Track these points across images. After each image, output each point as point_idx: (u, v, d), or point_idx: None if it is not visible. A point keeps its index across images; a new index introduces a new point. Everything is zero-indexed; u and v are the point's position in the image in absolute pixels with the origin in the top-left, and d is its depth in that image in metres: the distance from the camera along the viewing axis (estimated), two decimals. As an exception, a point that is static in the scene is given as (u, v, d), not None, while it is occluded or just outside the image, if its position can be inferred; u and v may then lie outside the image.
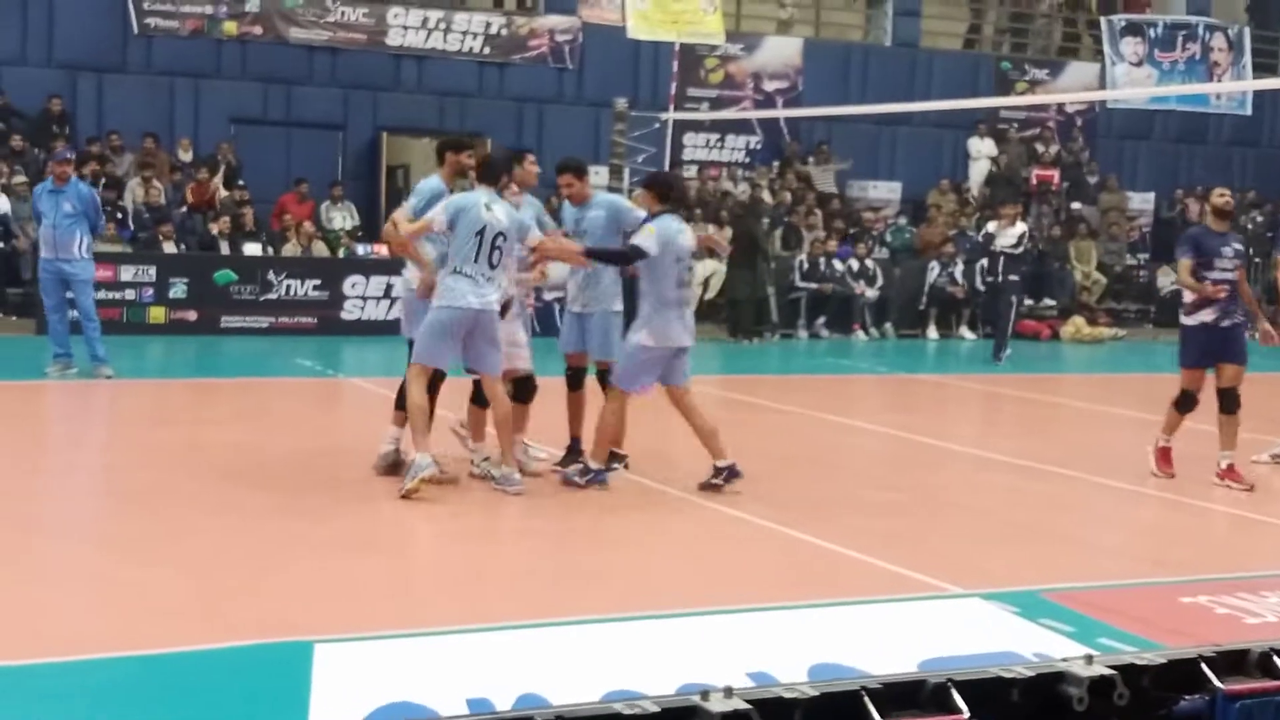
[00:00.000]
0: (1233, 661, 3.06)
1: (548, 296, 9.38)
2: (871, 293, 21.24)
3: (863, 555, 7.59)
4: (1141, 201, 25.98)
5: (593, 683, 5.10)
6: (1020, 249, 18.45)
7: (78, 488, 9.01)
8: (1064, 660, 2.92)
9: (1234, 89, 26.29)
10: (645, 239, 8.89)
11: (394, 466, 9.03)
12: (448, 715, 4.71)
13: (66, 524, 7.92)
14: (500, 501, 8.79)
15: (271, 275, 18.06)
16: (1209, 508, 9.41)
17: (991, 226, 18.51)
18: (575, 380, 9.54)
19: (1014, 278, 18.27)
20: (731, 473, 9.03)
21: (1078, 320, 22.49)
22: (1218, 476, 10.04)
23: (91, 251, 13.68)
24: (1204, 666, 3.00)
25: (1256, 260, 24.33)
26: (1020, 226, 18.51)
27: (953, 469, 10.97)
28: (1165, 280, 24.78)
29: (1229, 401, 10.13)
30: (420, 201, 9.13)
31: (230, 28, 20.75)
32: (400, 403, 9.03)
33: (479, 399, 9.21)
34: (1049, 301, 23.36)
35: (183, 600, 6.37)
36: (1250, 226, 25.05)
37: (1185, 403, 10.29)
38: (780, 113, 23.24)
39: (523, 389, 9.36)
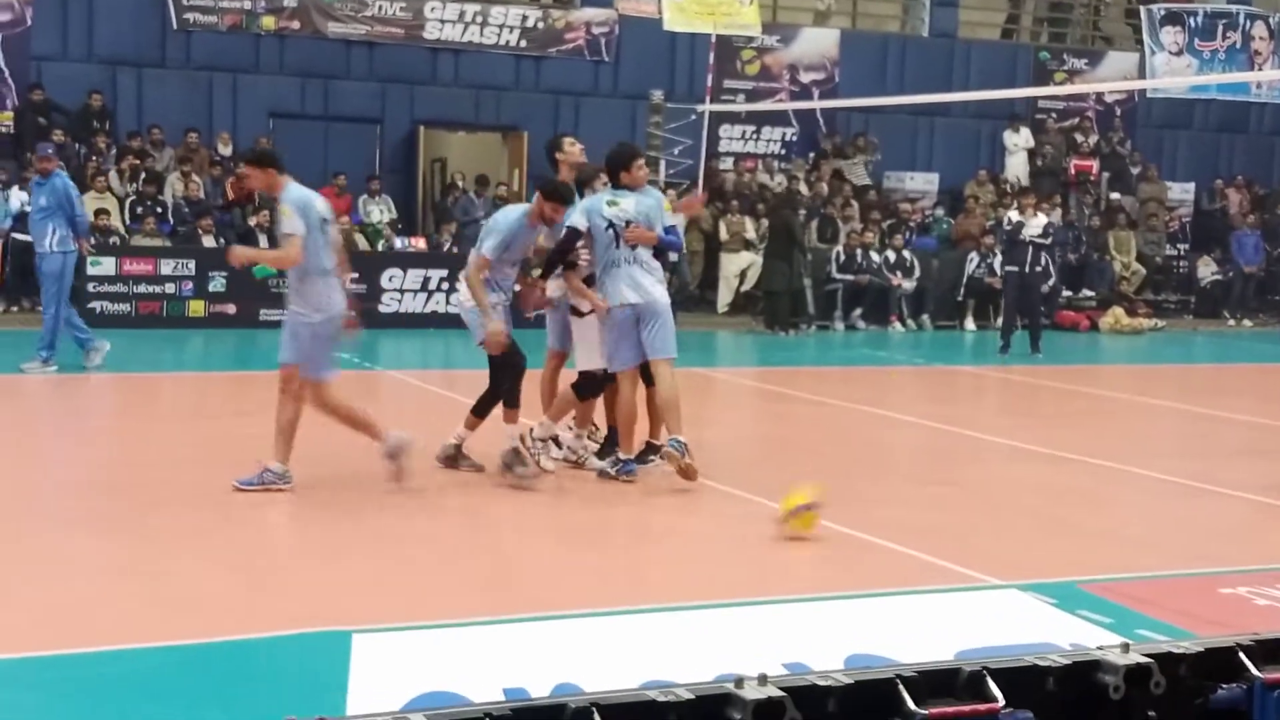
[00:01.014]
0: (1271, 650, 3.03)
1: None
2: (908, 284, 21.17)
3: (900, 546, 7.58)
4: (1181, 192, 25.79)
5: (629, 673, 5.11)
6: (1049, 238, 18.31)
7: (116, 481, 9.08)
8: (1100, 649, 2.91)
9: (1275, 78, 26.03)
10: (574, 217, 9.02)
11: (451, 459, 9.16)
12: (482, 702, 4.73)
13: (105, 517, 7.98)
14: (536, 494, 8.82)
15: (310, 269, 18.11)
16: (1248, 498, 9.34)
17: (1015, 215, 18.32)
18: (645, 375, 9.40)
19: (1039, 268, 18.12)
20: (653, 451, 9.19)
21: (1117, 311, 22.34)
22: None
23: (65, 245, 13.36)
24: (1242, 655, 2.98)
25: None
26: (1043, 216, 18.38)
27: (990, 461, 10.93)
28: (1205, 270, 24.63)
29: None
30: (500, 238, 8.93)
31: (268, 22, 20.85)
32: (479, 409, 9.12)
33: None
34: (1088, 292, 23.23)
35: (222, 591, 6.43)
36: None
37: None
38: (817, 104, 23.17)
39: (590, 385, 9.36)
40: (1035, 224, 17.82)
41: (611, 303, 8.96)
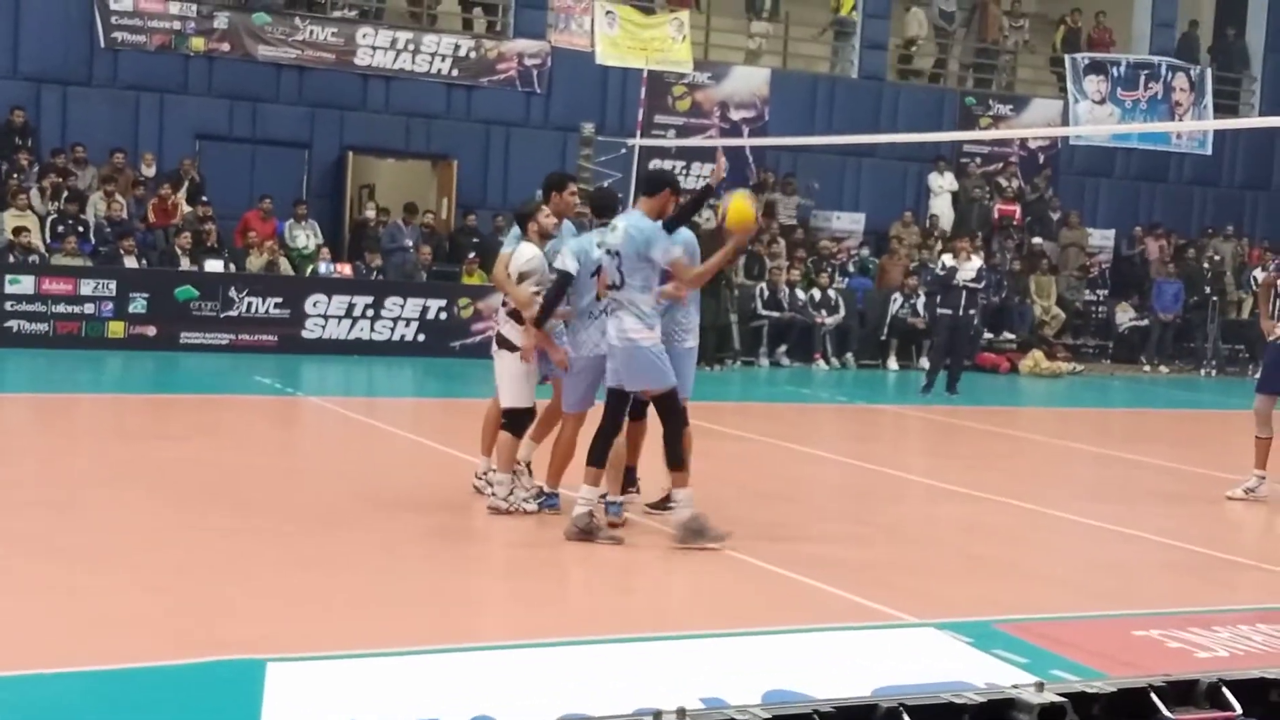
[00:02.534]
0: (1182, 692, 3.08)
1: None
2: (832, 321, 21.32)
3: (819, 583, 7.60)
4: (1101, 238, 26.21)
5: (546, 706, 5.09)
6: (982, 282, 18.52)
7: (32, 500, 8.92)
8: (1015, 687, 2.93)
9: (1195, 129, 26.54)
10: (564, 259, 8.67)
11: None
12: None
13: (19, 536, 7.83)
14: (455, 525, 8.76)
15: (233, 292, 17.98)
16: (1161, 542, 9.47)
17: (948, 260, 18.42)
18: (638, 409, 9.19)
19: (972, 311, 18.32)
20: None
21: (1036, 354, 22.65)
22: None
23: None
24: (1154, 696, 3.02)
25: (1214, 299, 24.63)
26: (977, 260, 18.53)
27: (910, 499, 11.00)
28: (1124, 316, 25.03)
29: None
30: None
31: (198, 44, 20.68)
32: (594, 459, 8.50)
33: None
34: (1008, 335, 23.52)
35: (135, 616, 6.32)
36: (1207, 266, 25.35)
37: None
38: (746, 141, 23.33)
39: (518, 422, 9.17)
40: (969, 268, 17.92)
41: (580, 352, 8.75)
